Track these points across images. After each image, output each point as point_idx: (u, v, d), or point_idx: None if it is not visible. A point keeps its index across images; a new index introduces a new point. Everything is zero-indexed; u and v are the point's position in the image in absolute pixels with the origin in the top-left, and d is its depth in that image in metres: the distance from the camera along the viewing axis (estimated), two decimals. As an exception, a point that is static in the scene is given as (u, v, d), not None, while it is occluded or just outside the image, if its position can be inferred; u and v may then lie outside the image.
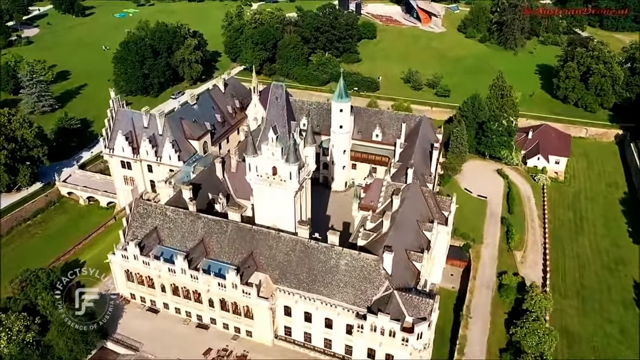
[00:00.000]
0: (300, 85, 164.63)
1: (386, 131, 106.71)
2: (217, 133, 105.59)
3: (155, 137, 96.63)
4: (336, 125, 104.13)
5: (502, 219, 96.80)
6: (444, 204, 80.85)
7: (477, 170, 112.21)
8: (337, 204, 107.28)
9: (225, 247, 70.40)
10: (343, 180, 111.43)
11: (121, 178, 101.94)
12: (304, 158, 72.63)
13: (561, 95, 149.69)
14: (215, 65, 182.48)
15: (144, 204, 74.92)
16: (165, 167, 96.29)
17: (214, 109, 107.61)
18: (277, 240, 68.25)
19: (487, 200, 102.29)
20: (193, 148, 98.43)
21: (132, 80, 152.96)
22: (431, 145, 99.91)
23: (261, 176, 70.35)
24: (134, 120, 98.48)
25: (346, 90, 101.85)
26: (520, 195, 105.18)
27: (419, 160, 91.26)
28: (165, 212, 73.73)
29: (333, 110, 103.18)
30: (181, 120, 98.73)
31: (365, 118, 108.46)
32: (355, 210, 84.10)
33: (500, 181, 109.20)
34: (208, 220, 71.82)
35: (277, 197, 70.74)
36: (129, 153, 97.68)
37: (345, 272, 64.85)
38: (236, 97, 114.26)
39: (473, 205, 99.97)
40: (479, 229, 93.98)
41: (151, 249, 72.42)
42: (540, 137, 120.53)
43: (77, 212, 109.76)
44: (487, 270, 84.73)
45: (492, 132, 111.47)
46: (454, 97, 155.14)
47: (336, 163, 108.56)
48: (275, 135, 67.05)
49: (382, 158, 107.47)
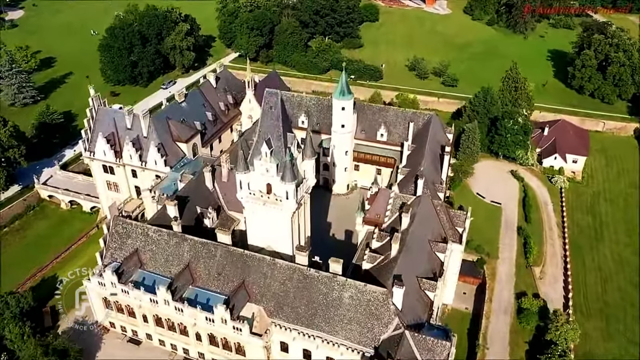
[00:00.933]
0: (299, 74, 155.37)
1: (392, 130, 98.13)
2: (208, 133, 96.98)
3: (139, 140, 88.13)
4: (337, 124, 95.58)
5: (519, 228, 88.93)
6: (458, 218, 72.90)
7: (489, 172, 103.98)
8: (339, 209, 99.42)
9: (214, 274, 62.64)
10: (345, 183, 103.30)
11: (104, 183, 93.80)
12: (303, 172, 64.42)
13: (576, 85, 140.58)
14: (209, 52, 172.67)
15: (123, 222, 66.86)
16: (151, 172, 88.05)
17: (204, 106, 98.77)
18: (273, 267, 60.43)
19: (502, 206, 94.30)
20: (181, 151, 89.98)
21: (119, 70, 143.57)
22: (442, 148, 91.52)
23: (254, 194, 62.17)
24: (116, 120, 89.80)
25: (348, 87, 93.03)
26: (537, 201, 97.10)
27: (429, 166, 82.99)
28: (146, 232, 65.77)
29: (334, 108, 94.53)
30: (168, 120, 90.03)
31: (369, 116, 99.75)
32: (360, 225, 76.19)
33: (515, 184, 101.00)
34: (195, 242, 63.90)
35: (272, 217, 62.72)
36: (111, 157, 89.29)
37: (349, 306, 57.20)
38: (229, 92, 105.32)
39: (486, 213, 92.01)
40: (494, 240, 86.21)
41: (131, 275, 64.70)
42: (557, 134, 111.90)
43: (59, 217, 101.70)
44: (504, 291, 77.17)
45: (507, 131, 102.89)
46: (462, 86, 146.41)
47: (337, 165, 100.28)
48: (270, 150, 58.70)
49: (388, 159, 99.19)
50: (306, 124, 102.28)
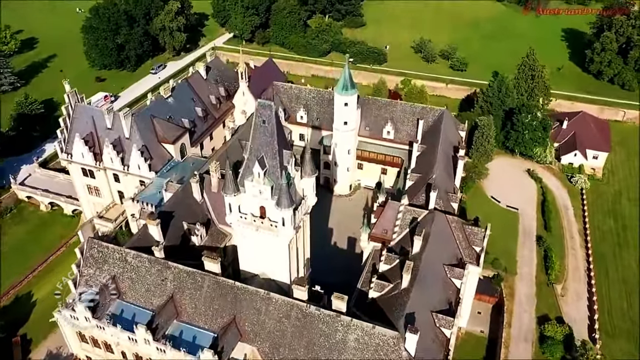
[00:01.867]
0: (297, 56, 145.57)
1: (400, 127, 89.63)
2: (198, 130, 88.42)
3: (121, 141, 79.71)
4: (340, 121, 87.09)
5: (538, 238, 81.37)
6: (475, 236, 65.15)
7: (504, 171, 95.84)
8: (341, 212, 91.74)
9: (201, 307, 55.23)
10: (347, 183, 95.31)
11: (84, 187, 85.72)
12: (301, 191, 56.36)
13: (594, 69, 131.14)
14: (201, 31, 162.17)
15: (98, 246, 59.05)
16: (135, 177, 79.97)
17: (193, 100, 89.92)
18: (267, 302, 52.94)
19: (519, 212, 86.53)
20: (168, 153, 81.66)
21: (104, 53, 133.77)
22: (454, 148, 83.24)
23: (245, 218, 54.21)
24: (95, 119, 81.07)
25: (352, 80, 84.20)
26: (556, 205, 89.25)
27: (442, 172, 74.83)
28: (125, 257, 58.05)
29: (336, 103, 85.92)
30: (152, 119, 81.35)
31: (374, 111, 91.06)
32: (365, 241, 68.55)
33: (532, 186, 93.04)
34: (179, 271, 56.27)
35: (267, 243, 54.93)
36: (90, 160, 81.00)
37: (355, 350, 49.93)
38: (221, 83, 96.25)
39: (502, 220, 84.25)
40: (512, 253, 78.75)
41: (108, 306, 57.29)
42: (576, 128, 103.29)
43: (38, 220, 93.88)
44: (525, 314, 70.03)
45: (524, 127, 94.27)
46: (471, 70, 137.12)
47: (340, 164, 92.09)
48: (263, 170, 50.53)
49: (394, 159, 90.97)
50: (305, 118, 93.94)
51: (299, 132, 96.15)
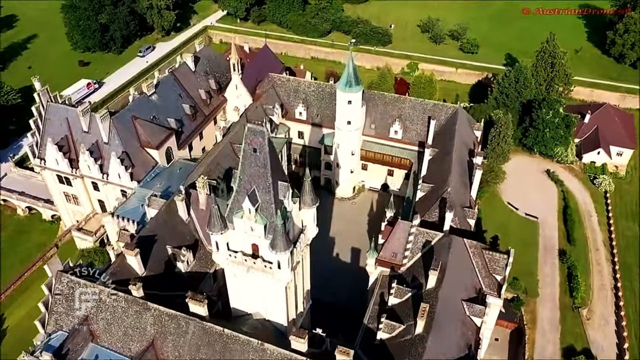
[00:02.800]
0: (296, 37, 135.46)
1: (408, 126, 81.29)
2: (186, 130, 79.98)
3: (99, 146, 71.50)
4: (343, 120, 78.74)
5: (561, 253, 74.10)
6: (497, 264, 57.59)
7: (521, 172, 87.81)
8: (344, 218, 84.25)
9: (186, 356, 48.20)
10: (351, 185, 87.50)
11: (61, 195, 77.91)
12: (300, 222, 48.61)
13: (616, 52, 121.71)
14: (193, 8, 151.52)
15: (69, 281, 51.64)
16: (115, 186, 72.15)
17: (180, 97, 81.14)
18: (262, 354, 45.79)
19: (539, 221, 79.02)
20: (152, 159, 73.54)
21: (87, 35, 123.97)
22: (470, 152, 75.17)
23: (235, 257, 46.60)
24: (69, 121, 72.61)
25: (357, 75, 75.47)
26: (579, 212, 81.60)
27: (457, 183, 66.98)
28: (99, 295, 50.74)
29: (339, 101, 77.44)
30: (134, 120, 72.87)
31: (380, 107, 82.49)
32: (372, 266, 61.21)
33: (552, 189, 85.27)
34: (160, 313, 49.03)
35: (261, 283, 47.49)
36: (65, 167, 72.95)
37: (362, 413, 43.16)
38: (211, 75, 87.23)
39: (521, 231, 77.01)
40: (532, 270, 71.57)
41: (81, 351, 50.24)
42: (599, 122, 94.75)
43: (15, 226, 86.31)
44: (549, 345, 63.23)
45: (545, 124, 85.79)
46: (482, 52, 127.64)
47: (342, 166, 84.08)
48: (254, 206, 42.67)
49: (402, 160, 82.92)
50: (304, 115, 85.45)
51: (298, 130, 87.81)
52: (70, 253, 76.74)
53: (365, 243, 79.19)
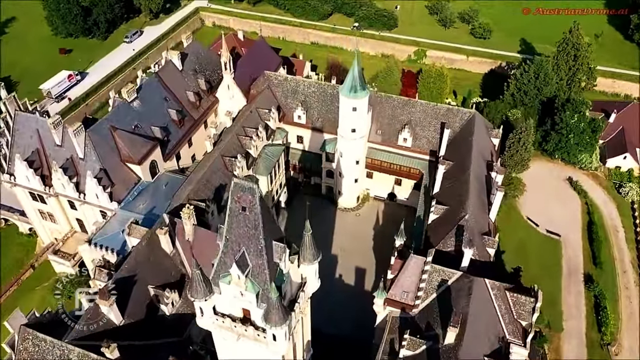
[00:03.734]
0: (295, 20, 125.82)
1: (419, 133, 73.52)
2: (173, 139, 72.11)
3: (74, 162, 63.82)
4: (346, 127, 70.95)
5: (587, 278, 67.32)
6: (523, 308, 50.88)
7: (541, 180, 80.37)
8: (347, 231, 77.33)
9: None
10: (355, 195, 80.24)
11: (35, 212, 70.65)
12: (300, 276, 41.52)
13: (639, 38, 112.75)
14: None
15: (33, 338, 44.88)
16: (94, 206, 64.88)
17: (166, 100, 72.93)
18: None
19: (561, 240, 72.07)
20: (134, 175, 66.01)
21: (68, 19, 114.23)
22: (488, 165, 67.59)
23: (223, 321, 39.68)
24: (40, 133, 64.64)
25: (362, 79, 67.22)
26: (604, 227, 74.48)
27: (476, 206, 59.68)
28: (68, 355, 44.05)
29: (342, 107, 69.49)
30: (113, 132, 64.95)
31: (388, 112, 74.51)
32: (380, 306, 54.49)
33: (575, 200, 78.00)
34: (138, 380, 42.54)
35: (254, 351, 40.66)
36: (37, 184, 65.42)
37: None
38: (201, 74, 78.77)
39: (542, 251, 70.17)
40: (555, 299, 64.88)
41: (49, 420, 43.96)
42: (625, 122, 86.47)
43: (-10, 240, 79.69)
44: (576, 390, 57.31)
45: (570, 129, 77.86)
46: (496, 38, 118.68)
47: (345, 175, 76.67)
48: (244, 272, 35.51)
49: (412, 170, 75.45)
50: (303, 119, 77.52)
51: (297, 134, 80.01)
52: (48, 275, 70.60)
53: (371, 262, 72.77)
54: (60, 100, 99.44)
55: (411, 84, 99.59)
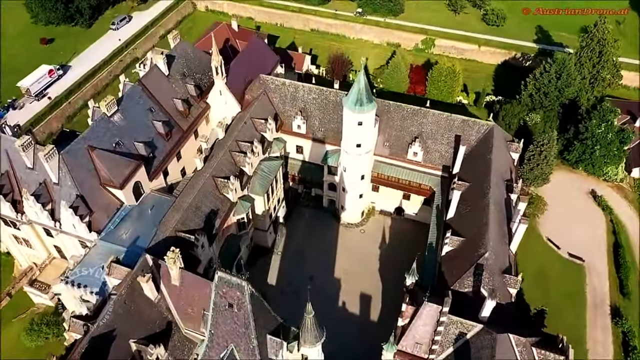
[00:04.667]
0: (293, 6, 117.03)
1: (431, 147, 66.72)
2: (160, 154, 65.20)
3: (47, 187, 57.25)
4: (351, 142, 64.18)
5: (614, 312, 61.50)
6: (551, 366, 45.31)
7: (562, 194, 73.89)
8: (351, 251, 71.47)
9: None
10: (359, 210, 73.99)
11: (10, 237, 64.40)
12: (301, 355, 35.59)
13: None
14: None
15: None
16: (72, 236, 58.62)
17: (151, 111, 65.71)
18: None
19: (585, 264, 66.09)
20: (116, 199, 59.50)
21: (48, 5, 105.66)
22: (507, 186, 61.06)
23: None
24: (10, 154, 57.85)
25: (369, 91, 60.01)
26: (632, 249, 68.19)
27: (496, 240, 53.46)
28: None
29: (346, 121, 62.60)
30: (91, 152, 58.06)
31: (396, 122, 67.50)
32: (389, 354, 48.87)
33: (599, 217, 71.70)
34: None
35: None
36: (7, 211, 58.95)
37: None
38: (190, 77, 71.28)
39: (564, 279, 64.33)
40: (580, 335, 59.20)
41: None
42: (653, 126, 79.79)
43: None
44: None
45: (596, 140, 70.92)
46: (510, 25, 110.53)
47: (349, 191, 70.26)
48: (234, 372, 29.59)
49: (422, 186, 68.94)
50: (303, 129, 70.60)
51: (296, 144, 73.20)
52: (26, 304, 64.95)
53: (376, 287, 67.12)
54: (40, 98, 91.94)
55: (419, 80, 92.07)
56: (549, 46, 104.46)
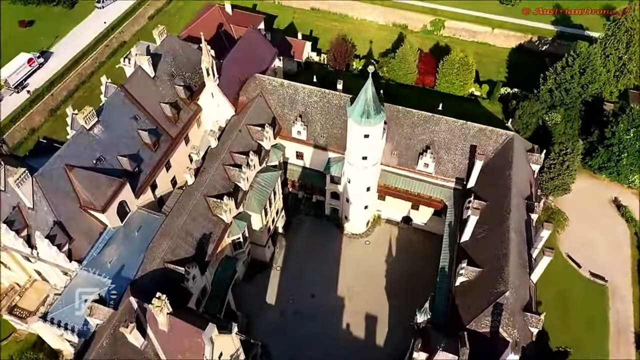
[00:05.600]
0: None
1: (443, 157, 60.92)
2: (146, 167, 59.39)
3: (22, 211, 51.77)
4: (356, 155, 58.47)
5: (638, 339, 57.15)
6: None
7: (583, 204, 68.39)
8: (355, 264, 66.91)
9: None
10: (364, 221, 68.85)
11: (-14, 259, 59.47)
12: None
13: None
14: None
15: None
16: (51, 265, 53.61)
17: (136, 119, 59.53)
18: None
19: (608, 285, 61.34)
20: (99, 223, 54.20)
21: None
22: (528, 205, 55.69)
23: None
24: (-22, 174, 52.29)
25: (377, 102, 53.80)
26: (658, 267, 63.61)
27: (516, 275, 48.49)
28: None
29: (352, 132, 56.75)
30: (69, 172, 52.37)
31: (406, 129, 61.43)
32: (399, 407, 44.82)
33: (623, 231, 66.48)
34: None
35: None
36: (-20, 237, 53.79)
37: None
38: (179, 77, 64.77)
39: (586, 302, 59.79)
40: (601, 364, 55.31)
41: None
42: (681, 127, 73.60)
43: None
44: None
45: (623, 147, 64.95)
46: (526, 3, 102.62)
47: (354, 202, 64.93)
48: None
49: (432, 199, 63.52)
50: (304, 135, 64.64)
51: (296, 150, 67.37)
52: (7, 328, 60.61)
53: (383, 307, 62.81)
54: (20, 90, 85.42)
55: (429, 70, 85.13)
56: (568, 28, 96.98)
